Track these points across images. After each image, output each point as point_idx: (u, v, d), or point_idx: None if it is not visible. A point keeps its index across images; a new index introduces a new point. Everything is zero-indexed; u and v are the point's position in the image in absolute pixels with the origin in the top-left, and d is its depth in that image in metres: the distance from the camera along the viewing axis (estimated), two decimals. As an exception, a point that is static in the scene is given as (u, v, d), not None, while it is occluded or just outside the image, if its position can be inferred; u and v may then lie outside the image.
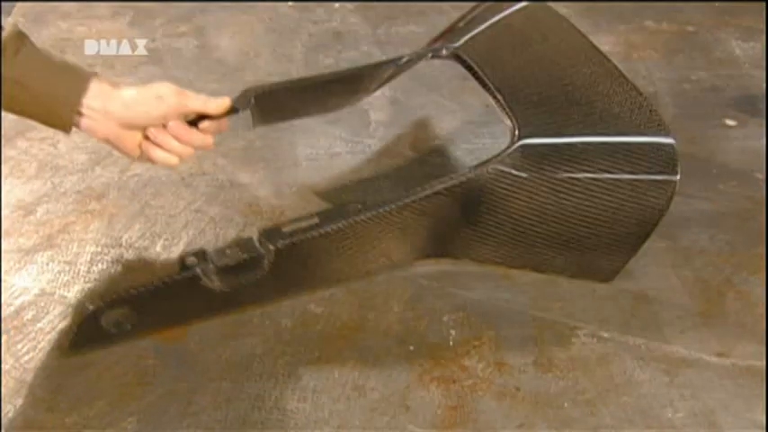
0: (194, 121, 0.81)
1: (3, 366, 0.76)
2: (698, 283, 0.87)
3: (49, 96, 0.73)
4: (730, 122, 1.14)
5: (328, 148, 1.08)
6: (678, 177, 0.79)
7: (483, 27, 1.00)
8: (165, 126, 0.79)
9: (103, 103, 0.75)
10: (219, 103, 0.81)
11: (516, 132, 0.83)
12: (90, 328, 0.75)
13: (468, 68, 0.92)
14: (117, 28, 1.34)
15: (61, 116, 0.74)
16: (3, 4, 1.41)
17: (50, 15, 1.37)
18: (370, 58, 1.29)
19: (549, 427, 0.72)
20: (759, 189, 1.01)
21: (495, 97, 0.88)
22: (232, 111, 0.84)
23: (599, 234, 0.82)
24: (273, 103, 0.95)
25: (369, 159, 1.06)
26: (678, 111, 1.16)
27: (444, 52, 0.94)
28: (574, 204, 0.81)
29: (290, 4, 1.45)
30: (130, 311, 0.76)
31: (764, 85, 1.22)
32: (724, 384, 0.76)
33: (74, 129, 0.76)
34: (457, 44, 0.96)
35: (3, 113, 0.73)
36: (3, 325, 0.80)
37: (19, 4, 1.41)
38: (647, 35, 1.37)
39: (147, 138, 0.78)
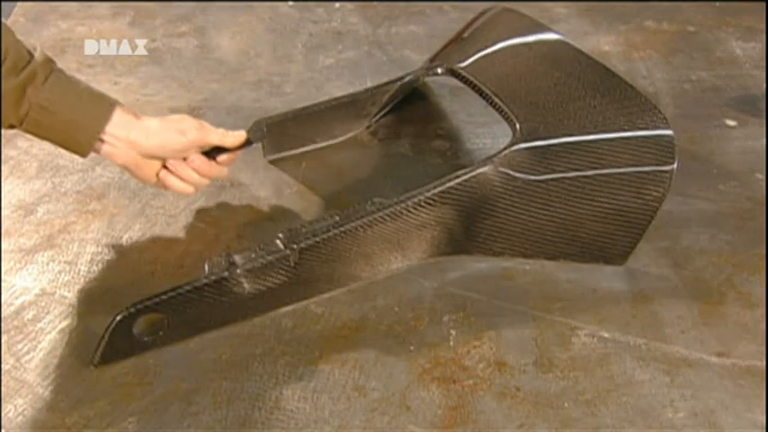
0: (209, 152, 0.85)
1: (3, 366, 0.76)
2: (698, 284, 0.87)
3: (73, 123, 0.76)
4: (731, 122, 1.14)
5: (327, 149, 1.08)
6: (676, 165, 0.84)
7: (470, 39, 1.07)
8: (184, 158, 0.82)
9: (127, 131, 0.78)
10: (237, 137, 0.85)
11: (519, 131, 0.85)
12: (121, 338, 0.75)
13: (465, 81, 0.98)
14: (117, 28, 1.34)
15: (82, 142, 0.77)
16: (3, 4, 1.41)
17: (51, 15, 1.37)
18: (371, 58, 1.29)
19: (549, 428, 0.72)
20: (759, 189, 1.01)
21: (493, 103, 0.91)
22: (246, 143, 0.87)
23: (606, 222, 0.85)
24: (282, 133, 1.00)
25: (369, 159, 1.06)
26: (678, 111, 1.16)
27: (440, 71, 1.02)
28: (579, 198, 0.84)
29: (290, 3, 1.45)
30: (160, 318, 0.75)
31: (765, 86, 1.22)
32: (724, 384, 0.76)
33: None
34: (450, 61, 1.02)
35: (4, 114, 0.73)
36: (3, 325, 0.80)
37: (19, 4, 1.41)
38: (648, 35, 1.37)
39: (164, 167, 0.82)
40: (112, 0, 1.42)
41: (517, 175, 0.83)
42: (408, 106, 1.15)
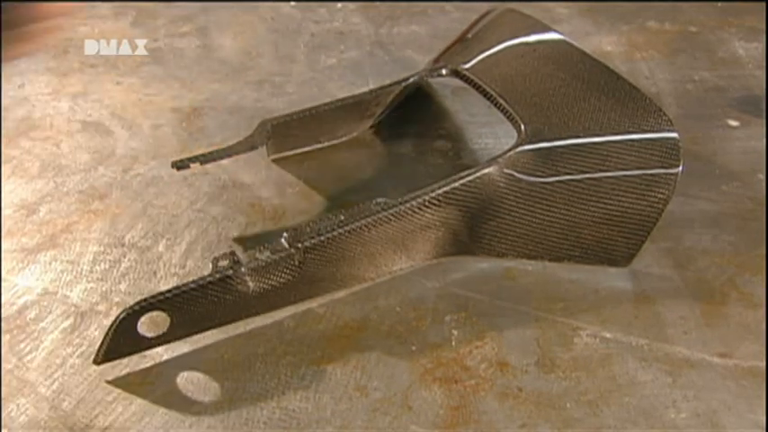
0: (207, 155, 0.86)
1: (5, 366, 0.76)
2: (700, 284, 0.87)
3: None
4: (733, 123, 1.14)
5: (330, 149, 1.08)
6: (681, 168, 0.83)
7: (474, 40, 1.06)
8: None
9: None
10: None
11: (524, 133, 0.85)
12: (124, 336, 0.74)
13: (469, 82, 0.97)
14: (119, 28, 1.34)
15: None
16: (2, 4, 1.41)
17: (53, 15, 1.38)
18: (373, 58, 1.29)
19: (551, 428, 0.72)
20: (761, 190, 1.01)
21: (498, 104, 0.91)
22: (252, 147, 0.86)
23: (611, 225, 0.85)
24: (286, 134, 1.00)
25: (370, 159, 1.06)
26: (681, 111, 1.16)
27: (444, 72, 1.02)
28: (584, 200, 0.84)
29: (292, 4, 1.45)
30: (164, 315, 0.75)
31: (766, 86, 1.22)
32: (726, 385, 0.76)
33: (76, 129, 0.77)
34: (454, 62, 1.02)
35: (4, 113, 0.73)
36: (5, 324, 0.80)
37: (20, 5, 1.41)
38: (650, 35, 1.37)
39: None
40: (115, 0, 1.42)
41: (522, 176, 0.82)
42: (411, 106, 1.15)
